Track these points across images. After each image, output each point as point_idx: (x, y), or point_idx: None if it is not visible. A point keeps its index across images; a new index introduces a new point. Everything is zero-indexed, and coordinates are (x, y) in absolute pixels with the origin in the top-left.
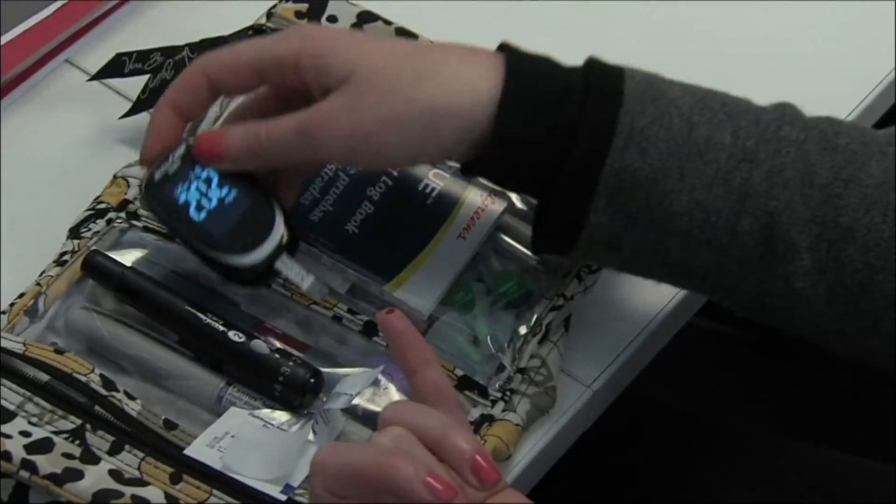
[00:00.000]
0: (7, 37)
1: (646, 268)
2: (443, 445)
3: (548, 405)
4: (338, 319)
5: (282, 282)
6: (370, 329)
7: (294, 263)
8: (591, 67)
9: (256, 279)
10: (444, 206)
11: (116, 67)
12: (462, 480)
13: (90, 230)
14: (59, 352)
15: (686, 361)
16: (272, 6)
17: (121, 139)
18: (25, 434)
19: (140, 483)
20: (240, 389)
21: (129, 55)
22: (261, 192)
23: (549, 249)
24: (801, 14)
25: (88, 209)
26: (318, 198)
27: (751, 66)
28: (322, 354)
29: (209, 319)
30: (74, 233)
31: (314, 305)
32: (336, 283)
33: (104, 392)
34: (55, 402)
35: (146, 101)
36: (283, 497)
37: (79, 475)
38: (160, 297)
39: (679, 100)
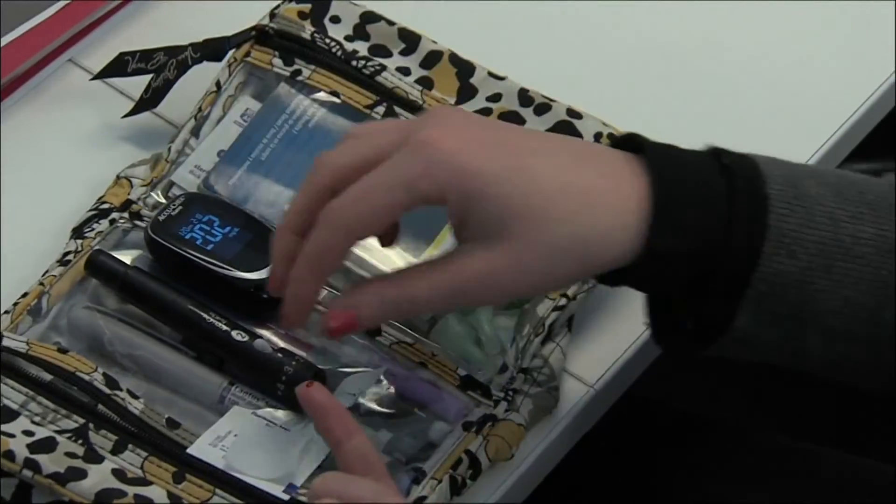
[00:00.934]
0: (10, 36)
1: (776, 358)
2: None
3: (550, 405)
4: None
5: None
6: (372, 329)
7: None
8: (730, 168)
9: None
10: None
11: (119, 67)
12: None
13: (93, 230)
14: (63, 351)
15: (688, 361)
16: (275, 6)
17: (124, 139)
18: (28, 433)
19: (143, 482)
20: (243, 389)
21: (132, 55)
22: (261, 225)
23: (680, 347)
24: (801, 17)
25: (92, 209)
26: None
27: (751, 68)
28: (324, 354)
29: (212, 319)
30: (78, 232)
31: (316, 305)
32: (340, 284)
33: (107, 391)
34: (58, 402)
35: (149, 101)
36: (286, 496)
37: (82, 474)
38: (163, 297)
39: (820, 196)
